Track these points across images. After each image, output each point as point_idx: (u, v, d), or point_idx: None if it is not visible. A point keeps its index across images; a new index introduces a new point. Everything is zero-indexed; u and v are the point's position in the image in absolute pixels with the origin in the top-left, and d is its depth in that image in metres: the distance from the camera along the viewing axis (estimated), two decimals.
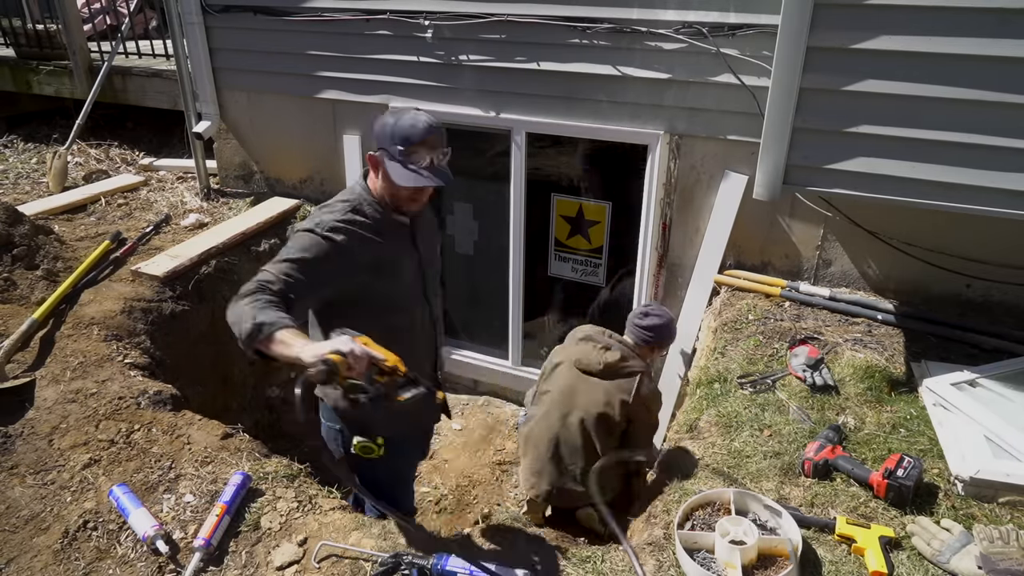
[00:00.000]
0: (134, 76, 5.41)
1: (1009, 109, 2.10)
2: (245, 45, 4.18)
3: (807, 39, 2.23)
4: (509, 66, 3.49)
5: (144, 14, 6.30)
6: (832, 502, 2.05)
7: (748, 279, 3.35)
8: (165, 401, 2.71)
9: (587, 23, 3.21)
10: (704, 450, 2.34)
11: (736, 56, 2.96)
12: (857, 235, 3.08)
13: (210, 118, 4.46)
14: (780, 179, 2.44)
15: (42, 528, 2.10)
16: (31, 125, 6.17)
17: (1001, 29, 2.04)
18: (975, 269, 2.95)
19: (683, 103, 3.20)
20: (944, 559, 1.79)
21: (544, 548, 2.08)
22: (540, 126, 3.60)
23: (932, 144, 2.23)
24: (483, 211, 4.15)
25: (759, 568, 1.82)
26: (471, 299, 4.45)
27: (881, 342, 2.83)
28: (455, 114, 3.74)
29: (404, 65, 3.75)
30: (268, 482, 2.26)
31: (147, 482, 2.25)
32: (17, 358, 2.86)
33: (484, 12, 3.39)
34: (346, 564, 1.95)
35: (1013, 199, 2.19)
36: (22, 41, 5.81)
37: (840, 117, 2.31)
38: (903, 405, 2.47)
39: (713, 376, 2.75)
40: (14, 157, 5.44)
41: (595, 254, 3.90)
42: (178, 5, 4.18)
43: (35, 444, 2.42)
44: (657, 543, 1.99)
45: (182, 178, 4.99)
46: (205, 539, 1.98)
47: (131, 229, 4.03)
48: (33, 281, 3.32)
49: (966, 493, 2.06)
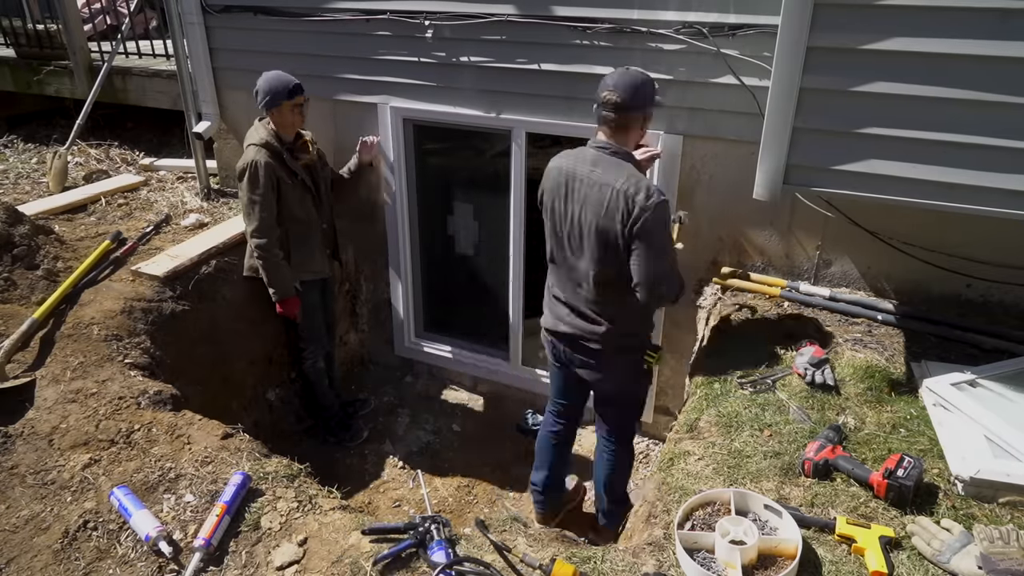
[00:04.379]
0: (134, 76, 5.42)
1: (1009, 109, 2.10)
2: (245, 45, 4.18)
3: (807, 39, 2.23)
4: (509, 66, 3.49)
5: (144, 14, 6.30)
6: (832, 502, 2.05)
7: (748, 279, 3.35)
8: (165, 401, 2.71)
9: (587, 23, 3.21)
10: (704, 450, 2.34)
11: (736, 56, 2.97)
12: (857, 235, 3.08)
13: (210, 118, 4.46)
14: (780, 179, 2.44)
15: (42, 528, 2.10)
16: (31, 125, 6.17)
17: (1002, 29, 2.04)
18: (975, 269, 2.95)
19: (683, 103, 3.20)
20: (944, 559, 1.79)
21: (544, 548, 2.08)
22: (540, 126, 3.60)
23: (933, 144, 2.23)
24: (483, 211, 4.15)
25: (759, 568, 1.82)
26: (471, 299, 4.45)
27: (881, 342, 2.83)
28: (455, 114, 3.74)
29: (404, 65, 3.75)
30: (268, 482, 2.26)
31: (147, 482, 2.25)
32: (17, 358, 2.86)
33: (484, 12, 3.39)
34: (346, 564, 1.95)
35: (1013, 199, 2.19)
36: (22, 41, 5.81)
37: (840, 117, 2.31)
38: (903, 405, 2.47)
39: (713, 376, 2.75)
40: (14, 157, 5.44)
41: None
42: (178, 5, 4.18)
43: (35, 444, 2.42)
44: (657, 543, 1.99)
45: (182, 178, 4.99)
46: (205, 539, 1.98)
47: (131, 229, 4.03)
48: (33, 281, 3.32)
49: (966, 493, 2.06)
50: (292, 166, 3.37)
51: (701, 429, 2.48)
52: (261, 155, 3.25)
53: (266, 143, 3.28)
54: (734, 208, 3.30)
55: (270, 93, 3.24)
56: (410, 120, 3.97)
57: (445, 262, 4.44)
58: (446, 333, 4.58)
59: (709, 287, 3.51)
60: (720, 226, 3.41)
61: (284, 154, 3.33)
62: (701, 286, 3.55)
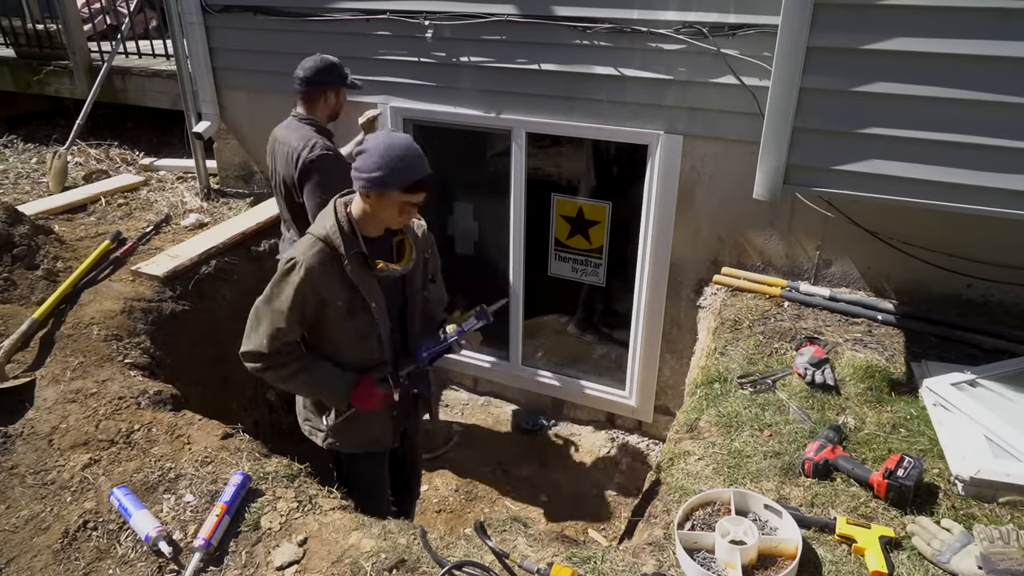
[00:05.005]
0: (134, 76, 5.42)
1: (1010, 109, 2.10)
2: (245, 45, 4.18)
3: (807, 39, 2.23)
4: (509, 66, 3.49)
5: (144, 14, 6.30)
6: (832, 502, 2.05)
7: (748, 279, 3.35)
8: (165, 401, 2.71)
9: (587, 23, 3.21)
10: (704, 450, 2.34)
11: (736, 56, 2.97)
12: (857, 235, 3.08)
13: (210, 118, 4.46)
14: (780, 179, 2.43)
15: (42, 528, 2.10)
16: (31, 125, 6.17)
17: (1002, 29, 2.04)
18: (975, 269, 2.95)
19: (683, 103, 3.20)
20: (944, 559, 1.79)
21: (544, 548, 2.08)
22: (540, 126, 3.60)
23: (933, 144, 2.23)
24: (483, 211, 4.15)
25: (759, 568, 1.82)
26: (471, 299, 4.44)
27: (881, 342, 2.83)
28: (455, 114, 3.74)
29: (404, 65, 3.75)
30: (268, 482, 2.26)
31: (147, 482, 2.25)
32: (17, 358, 2.86)
33: (484, 12, 3.39)
34: (346, 564, 1.95)
35: (1013, 199, 2.19)
36: (22, 41, 5.81)
37: (841, 117, 2.31)
38: (903, 405, 2.47)
39: (713, 376, 2.75)
40: (14, 157, 5.44)
41: (595, 254, 3.90)
42: (178, 5, 4.18)
43: (35, 444, 2.42)
44: (657, 543, 1.99)
45: (182, 178, 4.99)
46: (205, 539, 1.98)
47: (131, 229, 4.03)
48: (33, 281, 3.32)
49: (966, 493, 2.06)
50: (356, 277, 2.09)
51: (701, 429, 2.48)
52: (310, 254, 2.05)
53: (326, 236, 2.06)
54: (734, 208, 3.30)
55: (383, 169, 1.96)
56: (410, 120, 3.97)
57: (445, 262, 4.43)
58: None
59: (709, 287, 3.51)
60: (720, 226, 3.41)
61: (348, 258, 2.06)
62: (701, 286, 3.56)
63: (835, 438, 2.23)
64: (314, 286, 2.06)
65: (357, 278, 2.09)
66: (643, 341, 3.82)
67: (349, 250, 2.06)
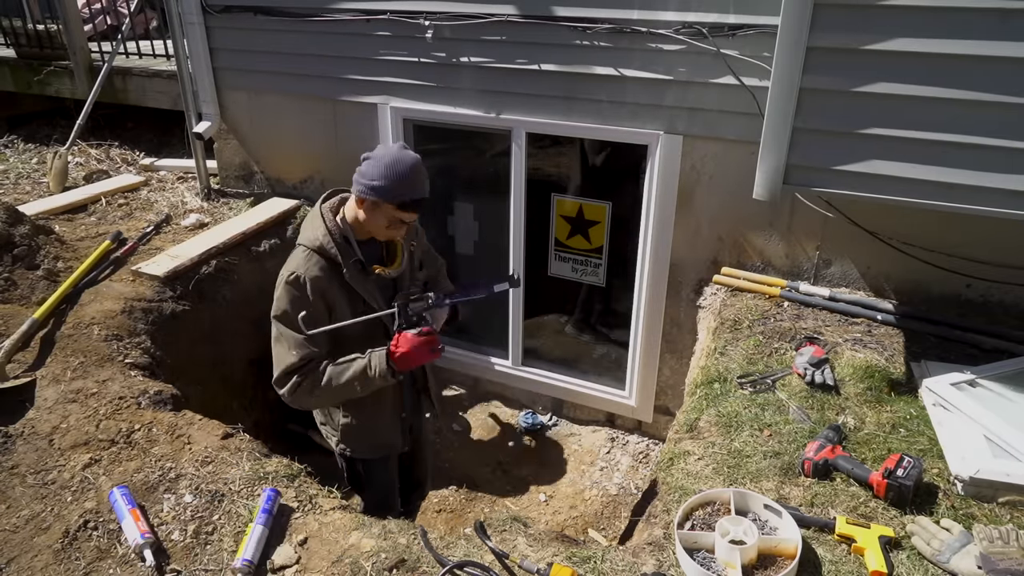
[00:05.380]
0: (134, 76, 5.42)
1: (1009, 109, 2.10)
2: (245, 45, 4.19)
3: (807, 39, 2.23)
4: (509, 66, 3.49)
5: (144, 14, 6.31)
6: (832, 502, 2.05)
7: (748, 279, 3.36)
8: (165, 401, 2.71)
9: (587, 23, 3.21)
10: (704, 450, 2.34)
11: (736, 56, 2.97)
12: (857, 235, 3.08)
13: (210, 118, 4.46)
14: (780, 179, 2.44)
15: (42, 528, 2.11)
16: (31, 125, 6.17)
17: (1002, 29, 2.04)
18: (975, 269, 2.95)
19: (683, 103, 3.20)
20: (944, 559, 1.79)
21: (544, 548, 2.08)
22: (540, 126, 3.61)
23: (933, 144, 2.23)
24: (483, 211, 4.15)
25: (759, 568, 1.82)
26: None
27: (881, 342, 2.83)
28: (455, 114, 3.74)
29: (404, 65, 3.75)
30: (268, 482, 2.26)
31: (147, 482, 2.25)
32: (17, 358, 2.86)
33: (484, 12, 3.39)
34: (346, 564, 1.95)
35: (1013, 199, 2.19)
36: (23, 41, 5.81)
37: (840, 118, 2.31)
38: (903, 405, 2.47)
39: (713, 376, 2.75)
40: (14, 157, 5.44)
41: (595, 254, 3.90)
42: (178, 5, 4.18)
43: (35, 444, 2.42)
44: (657, 543, 1.99)
45: (182, 178, 4.99)
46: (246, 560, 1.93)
47: (131, 229, 4.03)
48: (33, 281, 3.32)
49: (966, 493, 2.06)
50: (356, 283, 2.18)
51: (701, 429, 2.48)
52: (309, 266, 2.12)
53: (320, 247, 2.12)
54: (734, 208, 3.30)
55: (384, 180, 2.02)
56: (410, 120, 3.97)
57: (445, 261, 4.44)
58: (446, 333, 4.57)
59: (709, 287, 3.51)
60: (720, 226, 3.41)
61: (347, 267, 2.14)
62: (701, 286, 3.56)
63: (835, 438, 2.23)
64: (322, 293, 2.13)
65: (356, 283, 2.17)
66: (643, 341, 3.82)
67: (347, 259, 2.13)
